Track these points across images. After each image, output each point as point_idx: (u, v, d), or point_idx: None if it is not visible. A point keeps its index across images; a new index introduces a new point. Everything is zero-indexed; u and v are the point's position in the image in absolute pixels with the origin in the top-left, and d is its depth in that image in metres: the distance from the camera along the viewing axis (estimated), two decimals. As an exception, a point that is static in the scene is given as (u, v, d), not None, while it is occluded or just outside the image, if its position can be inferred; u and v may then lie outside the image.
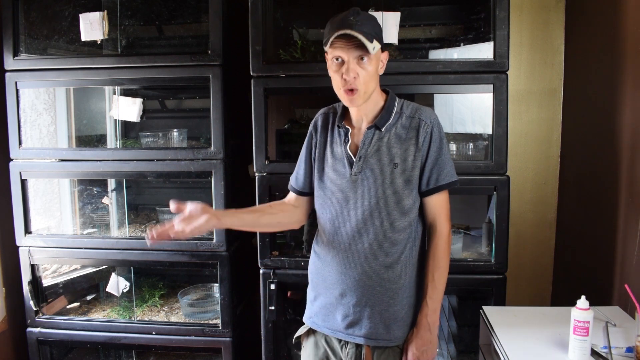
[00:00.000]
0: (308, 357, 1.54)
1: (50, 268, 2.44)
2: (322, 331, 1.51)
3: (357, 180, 1.41)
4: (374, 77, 1.38)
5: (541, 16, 2.37)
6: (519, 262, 2.43)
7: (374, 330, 1.41)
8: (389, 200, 1.39)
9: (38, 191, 2.44)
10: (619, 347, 1.39)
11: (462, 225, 2.24)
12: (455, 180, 1.44)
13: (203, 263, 2.17)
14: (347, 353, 1.45)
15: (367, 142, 1.42)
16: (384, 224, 1.39)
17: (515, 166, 2.40)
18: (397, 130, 1.42)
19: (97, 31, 2.09)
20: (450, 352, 2.28)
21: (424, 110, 1.45)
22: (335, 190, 1.45)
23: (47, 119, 2.45)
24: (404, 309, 1.43)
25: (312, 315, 1.53)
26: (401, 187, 1.40)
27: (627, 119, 1.77)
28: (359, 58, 1.33)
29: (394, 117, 1.44)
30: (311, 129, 1.57)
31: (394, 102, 1.46)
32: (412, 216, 1.43)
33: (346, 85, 1.35)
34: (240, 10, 2.17)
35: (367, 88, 1.36)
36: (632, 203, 1.72)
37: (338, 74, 1.36)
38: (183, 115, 2.74)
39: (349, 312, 1.43)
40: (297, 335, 1.59)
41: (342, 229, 1.43)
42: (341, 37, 1.31)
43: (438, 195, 1.44)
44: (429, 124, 1.41)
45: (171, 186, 2.72)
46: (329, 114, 1.55)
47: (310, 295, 1.56)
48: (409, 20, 2.12)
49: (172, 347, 2.24)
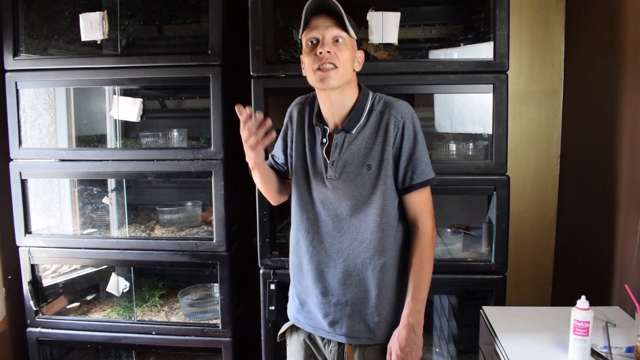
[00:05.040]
0: (292, 354, 1.54)
1: (50, 268, 2.44)
2: (304, 329, 1.51)
3: (333, 183, 1.39)
4: (350, 64, 1.32)
5: (541, 16, 2.37)
6: (519, 262, 2.43)
7: (356, 329, 1.41)
8: (366, 201, 1.37)
9: (38, 191, 2.44)
10: (619, 347, 1.39)
11: (462, 225, 2.24)
12: (430, 178, 1.38)
13: (203, 263, 2.17)
14: (330, 351, 1.45)
15: (338, 145, 1.38)
16: (363, 224, 1.38)
17: (515, 166, 2.40)
18: (369, 130, 1.37)
19: (97, 31, 2.09)
20: (450, 352, 2.28)
21: (396, 105, 1.38)
22: (314, 190, 1.43)
23: (47, 119, 2.45)
24: (386, 309, 1.41)
25: (294, 313, 1.53)
26: (377, 188, 1.36)
27: (627, 119, 1.77)
28: (335, 39, 1.30)
29: (365, 116, 1.38)
30: (287, 119, 1.52)
31: (365, 100, 1.40)
32: (390, 216, 1.39)
33: (320, 61, 1.28)
34: (240, 10, 2.18)
35: (345, 70, 1.30)
36: (632, 203, 1.72)
37: (311, 54, 1.31)
38: (183, 115, 2.74)
39: (330, 311, 1.43)
40: (280, 332, 1.59)
41: (322, 227, 1.42)
42: (317, 17, 1.30)
43: (417, 194, 1.39)
44: (400, 120, 1.35)
45: (171, 186, 2.72)
46: (305, 104, 1.49)
47: (291, 292, 1.56)
48: (409, 20, 2.12)
49: (172, 347, 2.24)
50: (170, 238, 2.24)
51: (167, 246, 2.17)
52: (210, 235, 2.17)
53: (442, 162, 2.01)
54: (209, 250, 2.14)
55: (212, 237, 2.13)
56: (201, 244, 2.14)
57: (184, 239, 2.21)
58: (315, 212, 1.43)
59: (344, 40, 1.31)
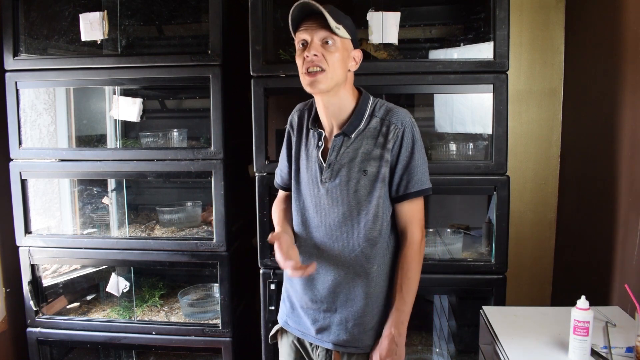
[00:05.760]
0: (283, 356, 1.55)
1: (50, 268, 2.44)
2: (293, 332, 1.50)
3: (327, 187, 1.37)
4: (340, 65, 1.30)
5: (541, 16, 2.37)
6: (519, 262, 2.43)
7: (343, 337, 1.39)
8: (359, 208, 1.35)
9: (38, 191, 2.44)
10: (619, 347, 1.39)
11: (462, 225, 2.24)
12: (426, 188, 1.36)
13: (203, 263, 2.17)
14: (318, 356, 1.45)
15: (335, 149, 1.36)
16: (355, 231, 1.36)
17: (515, 166, 2.40)
18: (368, 135, 1.36)
19: (97, 31, 2.09)
20: (450, 352, 2.28)
21: (397, 112, 1.36)
22: (308, 194, 1.42)
23: (47, 119, 2.45)
24: (375, 318, 1.39)
25: (284, 316, 1.53)
26: (371, 195, 1.35)
27: (627, 119, 1.77)
28: (324, 41, 1.29)
29: (364, 121, 1.36)
30: (288, 127, 1.52)
31: (366, 105, 1.38)
32: (384, 224, 1.37)
33: (306, 64, 1.28)
34: (240, 10, 2.18)
35: (334, 73, 1.28)
36: (632, 203, 1.72)
37: (301, 57, 1.30)
38: (183, 115, 2.75)
39: (319, 318, 1.42)
40: (271, 334, 1.58)
41: (315, 233, 1.41)
42: (306, 20, 1.30)
43: (409, 203, 1.37)
44: (400, 127, 1.34)
45: (171, 186, 2.72)
46: (304, 111, 1.49)
47: (283, 295, 1.56)
48: (409, 20, 2.12)
49: (172, 347, 2.24)
50: (170, 238, 2.24)
51: (167, 246, 2.17)
52: (210, 235, 2.17)
53: (442, 162, 2.01)
54: (209, 250, 2.14)
55: (212, 237, 2.13)
56: (201, 244, 2.14)
57: (184, 239, 2.21)
58: (309, 218, 1.42)
59: (333, 42, 1.29)
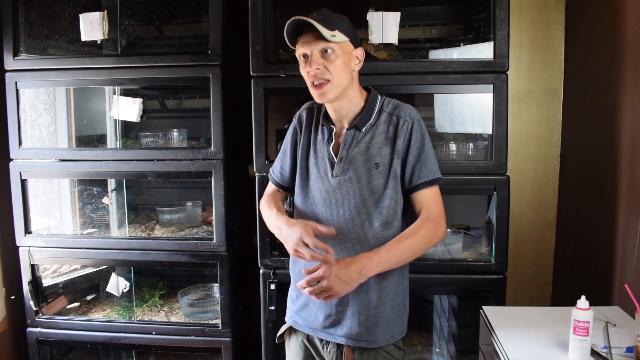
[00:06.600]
0: (291, 355, 1.54)
1: (50, 268, 2.44)
2: (303, 330, 1.50)
3: (339, 181, 1.39)
4: (344, 71, 1.33)
5: (541, 16, 2.37)
6: (519, 262, 2.43)
7: (355, 331, 1.40)
8: (371, 201, 1.37)
9: (38, 191, 2.44)
10: (619, 347, 1.38)
11: (462, 225, 2.24)
12: (438, 177, 1.41)
13: (203, 263, 2.17)
14: (329, 352, 1.45)
15: (347, 142, 1.40)
16: (367, 224, 1.37)
17: (515, 166, 2.40)
18: (378, 130, 1.40)
19: (97, 31, 2.09)
20: (450, 352, 2.28)
21: (404, 107, 1.42)
22: (317, 190, 1.43)
23: (47, 119, 2.45)
24: (387, 311, 1.41)
25: (293, 315, 1.53)
26: (384, 188, 1.38)
27: (627, 119, 1.77)
28: (323, 51, 1.31)
29: (374, 116, 1.41)
30: (295, 123, 1.54)
31: (375, 101, 1.43)
32: (396, 216, 1.40)
33: (310, 78, 1.32)
34: (240, 10, 2.18)
35: (339, 81, 1.32)
36: (632, 203, 1.72)
37: (305, 70, 1.34)
38: (183, 115, 2.75)
39: (332, 312, 1.42)
40: (279, 333, 1.58)
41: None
42: (302, 33, 1.32)
43: (425, 191, 1.39)
44: (408, 121, 1.39)
45: (171, 186, 2.72)
46: (313, 108, 1.52)
47: (292, 294, 1.56)
48: (409, 20, 2.12)
49: (172, 347, 2.24)
50: (170, 238, 2.24)
51: (167, 246, 2.17)
52: (210, 235, 2.17)
53: (442, 162, 1.99)
54: (209, 250, 2.14)
55: (212, 237, 2.13)
56: (201, 244, 2.14)
57: (184, 239, 2.21)
58: (318, 213, 1.43)
59: (333, 50, 1.31)
